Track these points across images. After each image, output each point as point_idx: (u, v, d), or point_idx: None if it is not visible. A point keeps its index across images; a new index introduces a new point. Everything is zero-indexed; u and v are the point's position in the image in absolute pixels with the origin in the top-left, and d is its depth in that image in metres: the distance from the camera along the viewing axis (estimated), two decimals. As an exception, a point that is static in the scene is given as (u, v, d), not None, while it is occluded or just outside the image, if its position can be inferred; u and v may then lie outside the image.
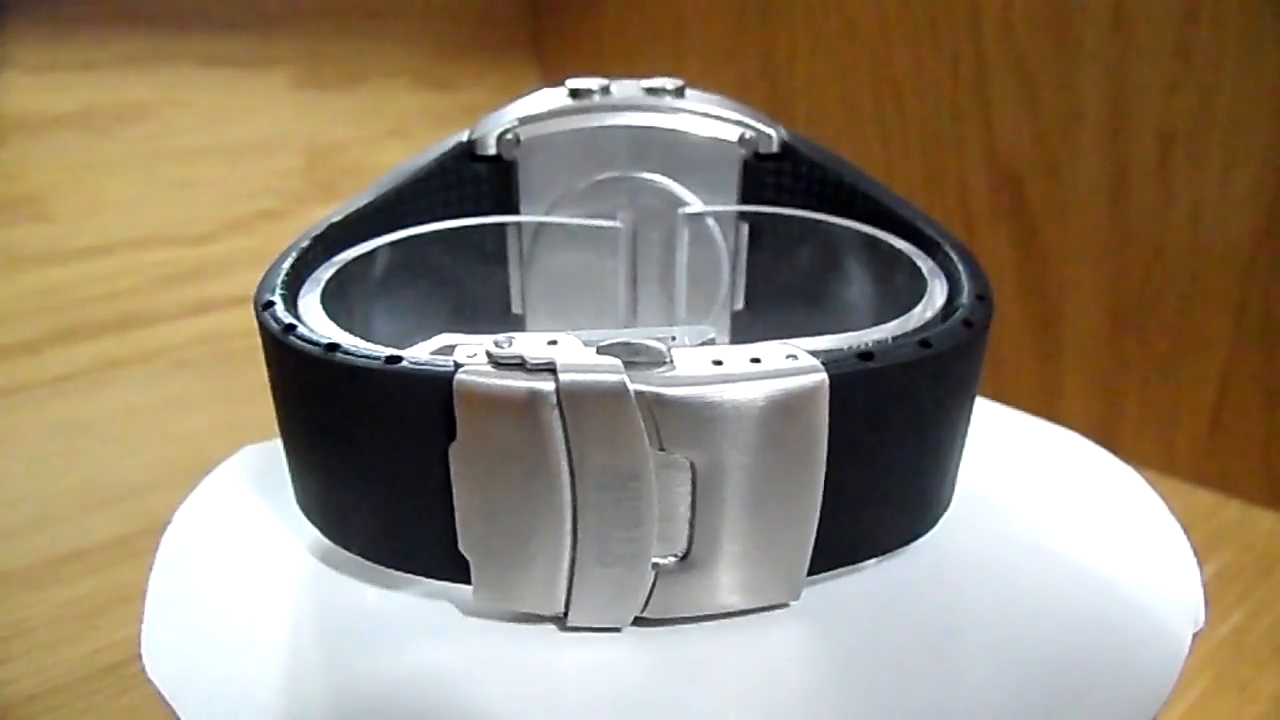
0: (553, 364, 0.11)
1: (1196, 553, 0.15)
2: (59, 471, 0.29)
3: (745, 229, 0.21)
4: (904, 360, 0.12)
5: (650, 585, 0.13)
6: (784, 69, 0.36)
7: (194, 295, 0.39)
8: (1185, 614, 0.14)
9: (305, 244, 0.17)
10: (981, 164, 0.31)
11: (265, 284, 0.15)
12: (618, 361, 0.11)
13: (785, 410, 0.12)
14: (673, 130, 0.20)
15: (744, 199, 0.21)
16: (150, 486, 0.28)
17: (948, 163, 0.32)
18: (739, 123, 0.20)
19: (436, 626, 0.14)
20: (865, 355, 0.12)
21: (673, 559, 0.13)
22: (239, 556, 0.16)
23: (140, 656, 0.13)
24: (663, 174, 0.21)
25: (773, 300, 0.21)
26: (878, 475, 0.13)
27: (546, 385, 0.11)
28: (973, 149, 0.31)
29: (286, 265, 0.16)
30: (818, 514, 0.13)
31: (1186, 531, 0.16)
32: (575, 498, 0.12)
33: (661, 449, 0.12)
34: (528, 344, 0.12)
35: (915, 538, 0.15)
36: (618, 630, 0.13)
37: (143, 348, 0.37)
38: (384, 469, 0.13)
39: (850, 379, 0.12)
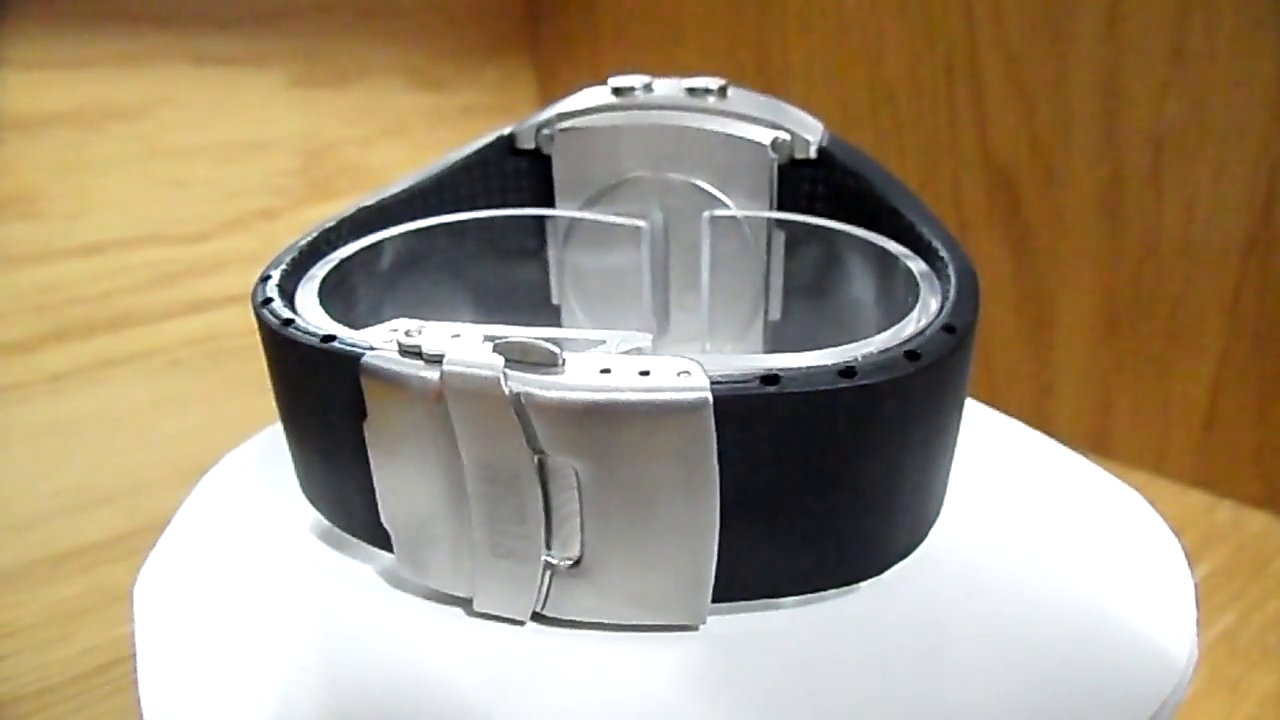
0: (442, 356, 0.12)
1: (1192, 569, 0.15)
2: (51, 471, 0.29)
3: (781, 237, 0.20)
4: (816, 389, 0.12)
5: (545, 583, 0.13)
6: (778, 71, 0.36)
7: (188, 294, 0.39)
8: (1181, 653, 0.13)
9: (330, 225, 0.17)
10: (975, 166, 0.31)
11: (274, 260, 0.16)
12: (499, 359, 0.12)
13: (662, 427, 0.11)
14: (705, 131, 0.20)
15: (781, 206, 0.20)
16: (143, 486, 0.28)
17: (942, 164, 0.32)
18: (774, 126, 0.19)
19: (364, 592, 0.14)
20: (769, 379, 0.11)
21: (567, 562, 0.13)
22: (243, 514, 0.17)
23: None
24: (695, 175, 0.20)
25: (809, 312, 0.20)
26: (793, 509, 0.12)
27: (432, 375, 0.12)
28: (967, 151, 0.31)
29: (304, 243, 0.17)
30: (715, 537, 0.12)
31: (1178, 535, 0.15)
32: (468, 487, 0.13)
33: (541, 451, 0.12)
34: (433, 334, 0.12)
35: (860, 578, 0.14)
36: (521, 623, 0.13)
37: (136, 347, 0.37)
38: (326, 441, 0.14)
39: (744, 403, 0.11)
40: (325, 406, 0.13)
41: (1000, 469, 0.17)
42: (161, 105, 0.38)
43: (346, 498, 0.14)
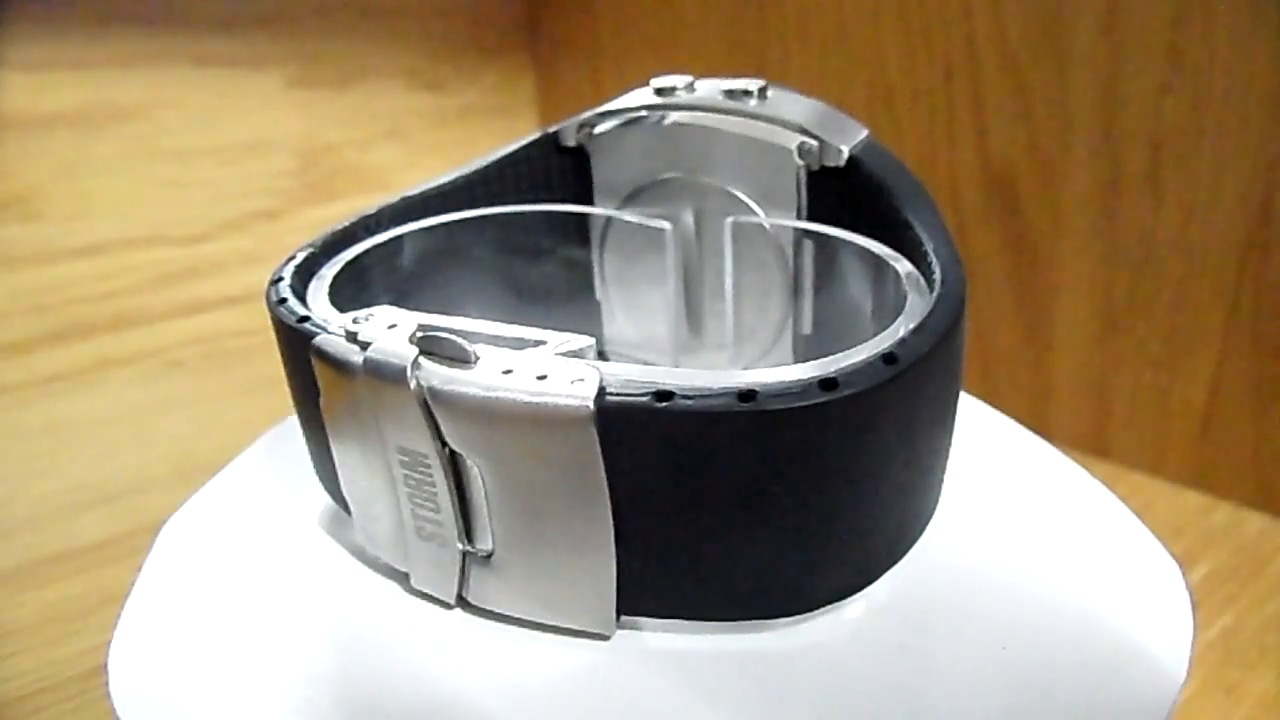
0: (370, 343, 0.12)
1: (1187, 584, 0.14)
2: (49, 472, 0.29)
3: (811, 247, 0.19)
4: (707, 410, 0.11)
5: (464, 570, 0.13)
6: (777, 72, 0.36)
7: (187, 295, 0.39)
8: (1178, 666, 0.13)
9: (370, 213, 0.18)
10: (974, 167, 0.31)
11: (306, 243, 0.17)
12: (412, 351, 0.12)
13: (549, 433, 0.11)
14: (732, 135, 0.19)
15: (810, 214, 0.19)
16: (141, 487, 0.28)
17: (940, 165, 0.32)
18: (805, 132, 0.19)
19: (334, 560, 0.15)
20: (663, 395, 0.11)
21: (482, 552, 0.13)
22: (262, 490, 0.18)
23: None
24: (724, 179, 0.20)
25: (838, 326, 0.19)
26: (693, 533, 0.12)
27: (357, 359, 0.12)
28: (965, 152, 0.31)
29: (338, 229, 0.17)
30: (610, 549, 0.12)
31: (1167, 543, 0.15)
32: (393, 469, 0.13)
33: (445, 444, 0.12)
34: (375, 322, 0.13)
35: (783, 613, 0.13)
36: (451, 607, 0.14)
37: (135, 348, 0.37)
38: (310, 417, 0.15)
39: (632, 417, 0.11)
40: (305, 384, 0.14)
41: (992, 479, 0.17)
42: (161, 106, 0.38)
43: (329, 472, 0.15)
